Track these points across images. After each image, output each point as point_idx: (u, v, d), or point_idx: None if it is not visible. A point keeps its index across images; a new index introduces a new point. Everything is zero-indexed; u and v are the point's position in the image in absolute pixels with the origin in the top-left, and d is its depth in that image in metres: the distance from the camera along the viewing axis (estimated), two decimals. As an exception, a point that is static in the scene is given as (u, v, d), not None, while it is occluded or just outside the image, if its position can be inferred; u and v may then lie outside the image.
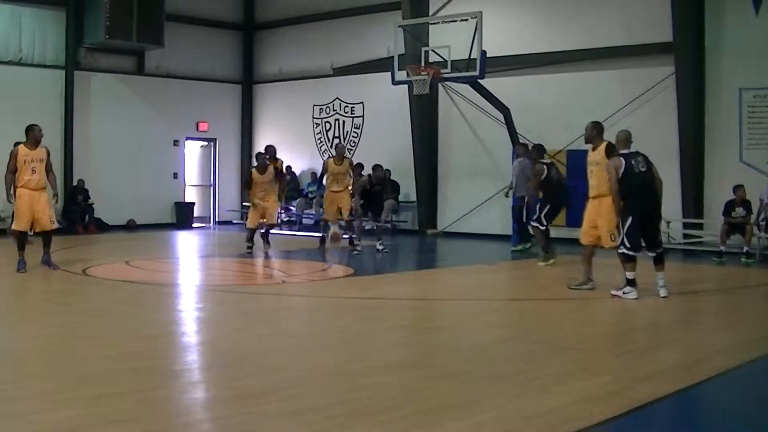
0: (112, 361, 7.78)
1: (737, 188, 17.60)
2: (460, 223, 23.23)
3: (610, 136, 20.53)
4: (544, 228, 16.49)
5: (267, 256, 17.39)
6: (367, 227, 18.31)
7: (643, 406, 6.52)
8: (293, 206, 26.52)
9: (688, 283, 15.61)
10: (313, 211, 25.77)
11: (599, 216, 12.43)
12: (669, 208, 19.61)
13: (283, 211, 26.94)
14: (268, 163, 18.25)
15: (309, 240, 20.37)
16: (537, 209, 16.51)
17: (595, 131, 12.80)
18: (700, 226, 19.71)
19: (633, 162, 12.07)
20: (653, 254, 12.20)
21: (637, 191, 12.04)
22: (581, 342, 9.22)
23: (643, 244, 12.15)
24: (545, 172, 16.51)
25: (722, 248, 17.40)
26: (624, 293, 12.11)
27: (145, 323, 10.09)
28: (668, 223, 19.87)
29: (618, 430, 6.08)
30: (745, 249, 17.21)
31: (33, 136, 14.27)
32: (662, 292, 12.09)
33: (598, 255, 12.91)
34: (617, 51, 20.84)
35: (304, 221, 26.48)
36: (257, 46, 29.41)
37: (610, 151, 12.34)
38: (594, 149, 12.74)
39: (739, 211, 17.48)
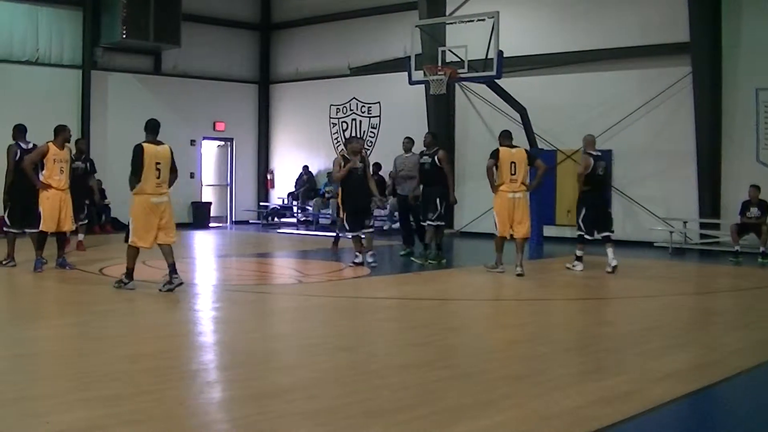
0: (129, 361, 7.82)
1: (751, 188, 17.57)
2: (476, 223, 23.18)
3: (623, 136, 20.65)
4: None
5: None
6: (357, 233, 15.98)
7: (659, 406, 6.51)
8: (310, 206, 26.55)
9: (704, 283, 15.62)
10: (330, 211, 25.80)
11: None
12: (686, 209, 19.70)
13: (300, 211, 27.00)
14: None
15: (326, 240, 20.36)
16: (438, 205, 16.09)
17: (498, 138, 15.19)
18: (716, 227, 19.61)
19: (597, 165, 15.13)
20: (604, 234, 15.14)
21: (593, 189, 15.13)
22: (596, 342, 9.21)
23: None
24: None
25: (737, 248, 17.36)
26: (573, 266, 15.21)
27: (161, 323, 10.14)
28: (685, 223, 19.86)
29: (634, 431, 6.08)
30: (761, 249, 17.14)
31: (64, 137, 14.47)
32: (613, 263, 14.79)
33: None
34: (634, 51, 20.81)
35: (321, 221, 26.51)
36: (274, 45, 29.46)
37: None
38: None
39: (754, 211, 17.46)
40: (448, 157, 16.61)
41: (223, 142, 28.57)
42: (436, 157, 16.29)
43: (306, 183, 26.97)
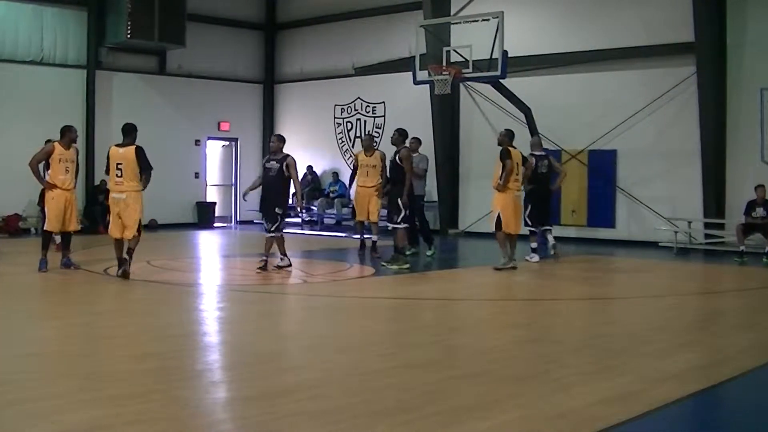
0: (134, 361, 7.83)
1: (757, 188, 17.53)
2: (481, 223, 23.16)
3: (627, 136, 20.66)
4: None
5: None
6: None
7: (664, 406, 6.50)
8: (314, 206, 26.54)
9: (709, 284, 15.60)
10: (335, 211, 25.84)
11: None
12: (690, 208, 19.67)
13: (305, 211, 26.99)
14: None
15: (330, 240, 20.34)
16: (402, 206, 15.47)
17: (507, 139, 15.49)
18: (721, 227, 19.59)
19: (539, 164, 17.01)
20: (545, 228, 17.36)
21: (537, 186, 16.81)
22: (601, 342, 9.20)
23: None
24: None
25: (742, 248, 17.32)
26: (530, 258, 16.53)
27: (166, 323, 10.13)
28: (689, 223, 19.82)
29: (639, 431, 6.07)
30: (767, 249, 17.11)
31: (70, 137, 14.55)
32: (551, 246, 17.26)
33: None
34: (638, 51, 20.79)
35: (326, 221, 26.53)
36: (279, 45, 29.45)
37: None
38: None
39: (760, 211, 17.39)
40: (409, 156, 15.71)
41: (227, 142, 28.57)
42: (397, 156, 15.65)
43: (311, 183, 26.95)
